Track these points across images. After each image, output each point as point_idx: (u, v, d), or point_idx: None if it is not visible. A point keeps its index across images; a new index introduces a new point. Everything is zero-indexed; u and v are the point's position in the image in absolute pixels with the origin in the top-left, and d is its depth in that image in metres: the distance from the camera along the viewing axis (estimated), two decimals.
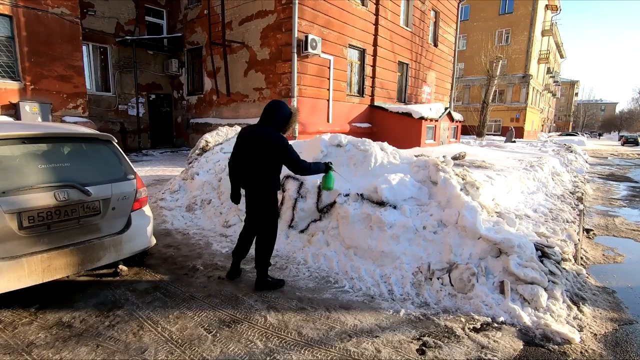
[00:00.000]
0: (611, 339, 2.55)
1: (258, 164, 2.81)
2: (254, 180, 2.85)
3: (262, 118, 2.89)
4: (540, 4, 31.64)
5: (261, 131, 2.82)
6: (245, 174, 2.90)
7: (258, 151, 2.79)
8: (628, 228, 5.56)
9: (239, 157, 2.94)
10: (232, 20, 11.38)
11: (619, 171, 13.17)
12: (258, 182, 2.85)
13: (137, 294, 2.93)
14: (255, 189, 2.88)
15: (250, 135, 2.86)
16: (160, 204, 5.34)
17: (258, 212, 2.96)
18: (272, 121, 2.85)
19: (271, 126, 2.84)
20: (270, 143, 2.76)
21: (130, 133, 13.05)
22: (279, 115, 2.87)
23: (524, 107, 32.48)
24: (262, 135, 2.79)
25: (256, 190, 2.87)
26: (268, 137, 2.77)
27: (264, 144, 2.77)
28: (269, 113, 2.87)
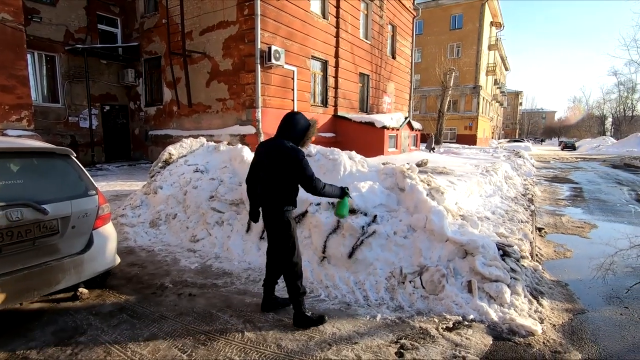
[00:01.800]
0: (568, 328, 2.77)
1: (272, 179, 2.58)
2: (268, 198, 2.61)
3: (278, 131, 2.66)
4: (486, 21, 34.14)
5: (276, 143, 2.60)
6: (261, 190, 2.66)
7: (272, 165, 2.56)
8: (573, 225, 6.08)
9: (255, 172, 2.73)
10: (193, 30, 11.17)
11: (561, 174, 14.37)
12: (272, 200, 2.59)
13: (101, 318, 2.75)
14: (269, 208, 2.62)
15: (267, 149, 2.64)
16: (120, 221, 5.05)
17: (274, 233, 2.67)
18: (288, 133, 2.62)
19: (287, 139, 2.60)
20: (284, 155, 2.52)
21: (82, 146, 12.26)
22: (296, 127, 2.63)
23: (476, 115, 34.61)
24: (276, 148, 2.57)
25: (270, 209, 2.62)
26: (281, 149, 2.54)
27: (277, 157, 2.54)
28: (284, 125, 2.65)
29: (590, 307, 3.14)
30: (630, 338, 2.67)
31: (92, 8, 12.50)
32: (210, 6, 10.71)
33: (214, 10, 10.65)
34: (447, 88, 23.77)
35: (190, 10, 11.08)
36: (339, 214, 2.80)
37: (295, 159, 2.50)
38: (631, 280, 3.78)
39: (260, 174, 2.66)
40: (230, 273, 3.66)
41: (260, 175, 2.65)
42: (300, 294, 2.69)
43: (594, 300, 3.31)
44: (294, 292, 2.68)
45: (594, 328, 2.79)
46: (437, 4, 34.68)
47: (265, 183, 2.62)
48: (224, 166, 5.39)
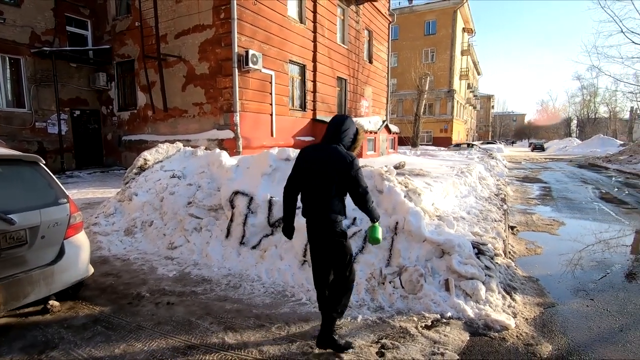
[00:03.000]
0: (539, 322, 2.90)
1: (326, 188, 2.32)
2: (322, 209, 2.35)
3: (328, 135, 2.43)
4: (458, 27, 35.28)
5: (330, 150, 2.36)
6: (309, 202, 2.41)
7: (327, 173, 2.32)
8: (543, 223, 6.35)
9: (300, 181, 2.44)
10: (168, 33, 10.96)
11: (531, 174, 14.99)
12: (326, 211, 2.34)
13: (74, 331, 2.65)
14: (322, 220, 2.36)
15: (316, 155, 2.39)
16: (93, 229, 4.87)
17: (327, 247, 2.41)
18: (340, 139, 2.40)
19: (339, 144, 2.40)
20: (342, 162, 2.30)
21: (50, 153, 11.74)
22: (348, 132, 2.43)
23: (451, 119, 35.60)
24: (331, 154, 2.34)
25: (323, 221, 2.36)
26: (339, 155, 2.32)
27: (334, 164, 2.31)
28: (335, 129, 2.42)
29: (560, 301, 3.30)
30: (596, 328, 2.82)
31: (60, 9, 12.04)
32: (186, 9, 10.55)
33: (189, 13, 10.50)
34: (422, 92, 24.34)
35: (165, 13, 10.87)
36: (376, 238, 2.45)
37: (353, 167, 2.31)
38: (597, 274, 3.99)
39: (312, 182, 2.37)
40: (210, 280, 3.61)
41: (312, 183, 2.37)
42: (340, 314, 2.47)
43: (562, 294, 3.47)
44: (338, 311, 2.43)
45: (563, 320, 2.93)
46: (411, 10, 35.55)
47: (317, 192, 2.35)
48: (202, 171, 5.31)
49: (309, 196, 2.41)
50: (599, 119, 51.07)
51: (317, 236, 2.42)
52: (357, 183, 2.34)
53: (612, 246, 5.10)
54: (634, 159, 17.88)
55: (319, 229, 2.39)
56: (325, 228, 2.37)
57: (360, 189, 2.36)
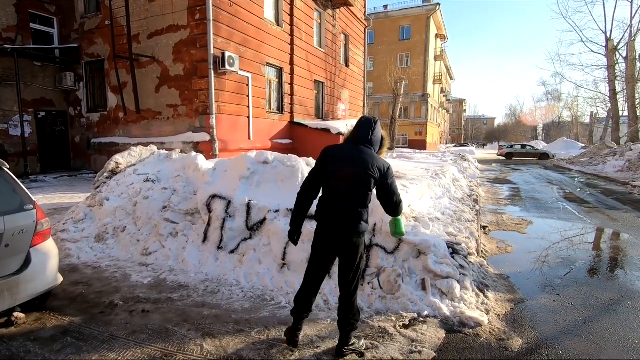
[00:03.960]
0: (510, 317, 3.02)
1: (360, 193, 2.21)
2: (350, 214, 2.21)
3: (360, 136, 2.30)
4: (432, 33, 36.31)
5: (364, 151, 2.26)
6: (336, 205, 2.23)
7: (365, 177, 2.20)
8: (513, 222, 6.63)
9: (326, 183, 2.28)
10: (140, 32, 10.65)
11: (501, 175, 15.61)
12: (354, 217, 2.22)
13: (41, 343, 2.52)
14: (349, 225, 2.22)
15: (350, 157, 2.24)
16: (61, 236, 4.66)
17: (347, 254, 2.28)
18: (370, 141, 2.30)
19: (370, 147, 2.30)
20: (381, 168, 2.23)
21: (12, 156, 11.11)
22: (378, 135, 2.34)
23: (425, 122, 36.52)
24: (366, 156, 2.23)
25: (350, 227, 2.22)
26: (375, 158, 2.24)
27: (369, 166, 2.20)
28: (368, 130, 2.29)
29: (529, 297, 3.45)
30: (562, 322, 2.97)
31: (24, 5, 11.46)
32: (159, 9, 10.30)
33: (162, 13, 10.26)
34: (398, 96, 24.82)
35: (137, 12, 10.56)
36: (400, 232, 2.48)
37: (390, 175, 2.25)
38: (563, 270, 4.21)
39: (344, 185, 2.22)
40: (187, 286, 3.53)
41: (344, 186, 2.22)
42: (358, 320, 2.44)
43: (531, 290, 3.64)
44: (355, 318, 2.39)
45: (532, 315, 3.08)
46: (386, 15, 36.28)
47: (349, 196, 2.21)
48: (177, 175, 5.19)
49: (337, 199, 2.23)
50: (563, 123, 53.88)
51: (339, 242, 2.26)
52: (393, 192, 2.30)
53: (575, 243, 5.39)
54: (594, 161, 18.97)
55: (344, 235, 2.23)
56: (353, 234, 2.23)
57: (395, 194, 2.31)
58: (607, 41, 23.53)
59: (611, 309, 3.21)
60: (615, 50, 23.30)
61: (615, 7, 23.64)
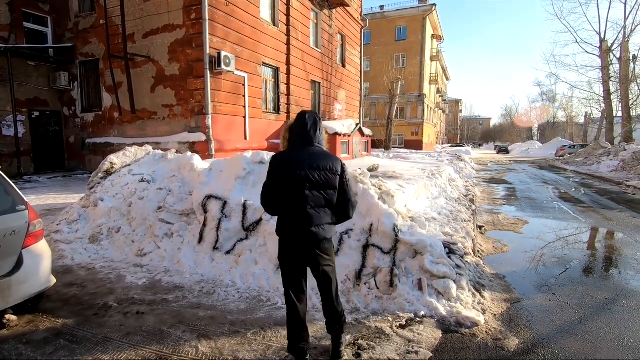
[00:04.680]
0: (507, 317, 3.03)
1: (323, 198, 2.09)
2: (321, 220, 2.09)
3: (308, 135, 2.14)
4: (428, 34, 36.42)
5: (318, 152, 2.13)
6: (305, 215, 2.06)
7: (328, 180, 2.08)
8: (509, 222, 6.65)
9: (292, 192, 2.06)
10: (135, 32, 10.59)
11: (497, 175, 15.67)
12: (324, 222, 2.10)
13: (34, 346, 2.48)
14: (321, 231, 2.09)
15: (310, 160, 2.08)
16: (55, 237, 4.60)
17: (320, 262, 2.15)
18: (320, 140, 2.18)
19: (322, 145, 2.19)
20: (337, 167, 2.11)
21: (5, 156, 11.00)
22: (320, 130, 2.20)
23: (421, 122, 36.62)
24: (323, 157, 2.10)
25: (322, 233, 2.09)
26: (331, 158, 2.12)
27: (331, 170, 2.09)
28: (315, 130, 2.16)
29: (525, 296, 3.46)
30: (558, 321, 2.98)
31: (17, 4, 11.34)
32: (154, 8, 10.24)
33: (158, 12, 10.20)
34: (394, 96, 24.87)
35: (132, 12, 10.49)
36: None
37: (346, 171, 2.14)
38: (558, 269, 4.23)
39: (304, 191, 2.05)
40: (182, 287, 3.50)
41: (304, 193, 2.05)
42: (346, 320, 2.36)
43: (527, 289, 3.65)
44: (343, 320, 2.32)
45: (528, 315, 3.08)
46: (383, 15, 36.34)
47: (314, 203, 2.07)
48: (173, 175, 5.16)
49: (304, 208, 2.05)
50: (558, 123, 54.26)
51: (309, 250, 2.10)
52: (350, 189, 2.15)
53: (571, 243, 5.42)
54: (589, 161, 19.13)
55: (317, 243, 2.10)
56: (324, 241, 2.11)
57: (350, 195, 2.14)
58: (601, 42, 23.71)
59: (606, 308, 3.23)
60: (609, 51, 23.50)
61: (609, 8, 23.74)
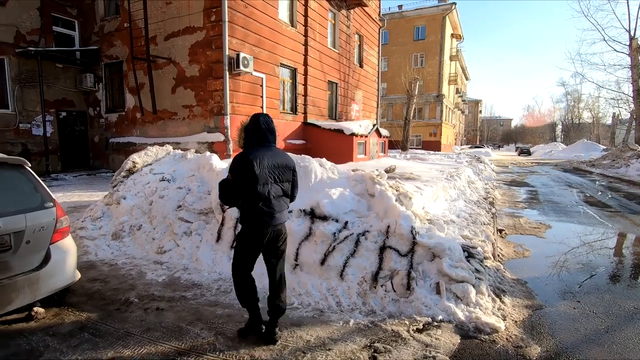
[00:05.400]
0: (528, 324, 2.94)
1: (287, 190, 2.50)
2: (284, 210, 2.49)
3: (265, 137, 2.44)
4: (447, 33, 35.83)
5: (280, 152, 2.51)
6: (272, 206, 2.38)
7: (287, 175, 2.48)
8: (530, 226, 6.46)
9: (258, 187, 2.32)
10: (157, 34, 10.85)
11: (518, 178, 15.26)
12: (282, 209, 2.47)
13: (60, 338, 2.58)
14: (280, 217, 2.45)
15: (274, 159, 2.41)
16: (80, 234, 4.77)
17: (282, 246, 2.53)
18: (276, 140, 2.53)
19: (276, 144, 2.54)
20: (291, 165, 2.52)
21: (35, 155, 11.47)
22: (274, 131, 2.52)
23: (440, 123, 36.04)
24: (285, 158, 2.50)
25: (283, 221, 2.49)
26: (290, 159, 2.54)
27: (289, 168, 2.50)
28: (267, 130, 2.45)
29: (547, 303, 3.35)
30: (583, 330, 2.87)
31: (47, 9, 11.83)
32: (176, 11, 10.48)
33: (179, 15, 10.43)
34: (412, 96, 24.57)
35: (155, 15, 10.76)
36: None
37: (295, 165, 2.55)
38: (582, 276, 4.08)
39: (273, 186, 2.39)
40: (200, 284, 3.56)
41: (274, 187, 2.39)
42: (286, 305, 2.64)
43: (550, 296, 3.53)
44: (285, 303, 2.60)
45: (551, 322, 2.98)
46: (401, 15, 35.98)
47: (279, 195, 2.43)
48: (192, 175, 5.26)
49: (270, 200, 2.37)
50: (583, 124, 52.38)
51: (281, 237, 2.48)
52: (297, 183, 2.61)
53: (596, 249, 5.21)
54: (617, 164, 18.36)
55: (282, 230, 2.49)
56: (283, 224, 2.51)
57: (297, 185, 2.62)
58: (631, 40, 22.71)
59: (635, 318, 3.09)
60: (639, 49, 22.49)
61: None
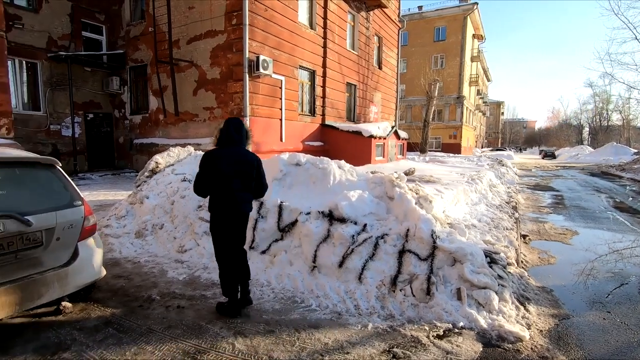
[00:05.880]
0: (555, 334, 2.83)
1: (248, 184, 2.93)
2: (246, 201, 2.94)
3: (236, 139, 2.90)
4: (468, 33, 35.16)
5: (246, 152, 2.95)
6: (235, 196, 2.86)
7: (249, 171, 2.90)
8: (556, 232, 6.24)
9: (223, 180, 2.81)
10: (180, 38, 11.13)
11: (542, 182, 14.77)
12: (248, 202, 2.97)
13: (86, 332, 2.66)
14: (244, 209, 2.95)
15: (238, 158, 2.87)
16: (105, 231, 4.93)
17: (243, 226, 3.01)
18: (244, 142, 2.97)
19: (245, 145, 2.97)
20: (256, 162, 2.96)
21: (64, 155, 11.96)
22: (244, 133, 2.98)
23: (460, 125, 35.37)
24: (249, 156, 2.92)
25: (246, 210, 2.97)
26: (254, 157, 2.96)
27: (252, 164, 2.91)
28: (241, 133, 2.93)
29: (575, 312, 3.22)
30: (614, 342, 2.74)
31: (77, 15, 12.33)
32: (198, 15, 10.72)
33: (201, 19, 10.66)
34: (431, 98, 24.26)
35: (178, 19, 11.05)
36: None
37: (260, 162, 2.99)
38: (612, 285, 3.90)
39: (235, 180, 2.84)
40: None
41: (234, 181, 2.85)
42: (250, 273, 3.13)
43: (578, 305, 3.39)
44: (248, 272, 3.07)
45: (579, 333, 2.86)
46: (421, 16, 35.58)
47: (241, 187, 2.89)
48: None
49: (233, 191, 2.84)
50: (612, 126, 50.20)
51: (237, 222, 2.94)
52: (262, 177, 3.03)
53: (627, 257, 4.98)
54: None
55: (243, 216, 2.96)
56: (246, 214, 2.98)
57: (263, 181, 3.04)
58: None
59: None
60: None
61: None
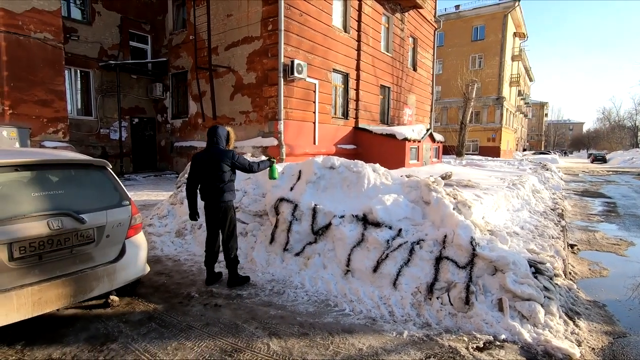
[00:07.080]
0: (609, 353, 2.62)
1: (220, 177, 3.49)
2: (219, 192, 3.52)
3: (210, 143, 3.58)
4: (509, 32, 33.63)
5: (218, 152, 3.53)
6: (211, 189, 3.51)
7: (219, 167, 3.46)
8: (608, 242, 5.78)
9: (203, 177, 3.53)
10: (218, 45, 11.56)
11: (592, 187, 13.77)
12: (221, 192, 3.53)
13: (131, 326, 2.81)
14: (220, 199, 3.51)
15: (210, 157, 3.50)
16: (148, 230, 5.19)
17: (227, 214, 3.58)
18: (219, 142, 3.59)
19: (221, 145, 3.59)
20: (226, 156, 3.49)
21: (111, 157, 12.77)
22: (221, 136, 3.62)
23: (499, 127, 33.85)
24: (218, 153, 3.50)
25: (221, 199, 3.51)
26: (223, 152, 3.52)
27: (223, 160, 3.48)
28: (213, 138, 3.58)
29: (632, 330, 2.96)
30: None
31: (125, 26, 13.17)
32: (236, 22, 11.07)
33: (239, 26, 11.01)
34: (469, 99, 23.38)
35: (217, 27, 11.48)
36: (272, 177, 3.93)
37: (234, 156, 3.53)
38: None
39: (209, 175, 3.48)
40: (255, 284, 3.68)
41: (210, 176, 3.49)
42: (238, 261, 3.71)
43: (635, 322, 3.12)
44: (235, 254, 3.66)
45: (637, 353, 2.63)
46: (458, 15, 34.53)
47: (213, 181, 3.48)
48: (248, 177, 5.47)
49: (209, 185, 3.50)
50: None
51: (217, 209, 3.53)
52: (242, 164, 3.56)
53: None
54: None
55: (219, 204, 3.51)
56: (221, 203, 3.51)
57: (246, 165, 3.59)
58: None
59: None
60: None
61: None
